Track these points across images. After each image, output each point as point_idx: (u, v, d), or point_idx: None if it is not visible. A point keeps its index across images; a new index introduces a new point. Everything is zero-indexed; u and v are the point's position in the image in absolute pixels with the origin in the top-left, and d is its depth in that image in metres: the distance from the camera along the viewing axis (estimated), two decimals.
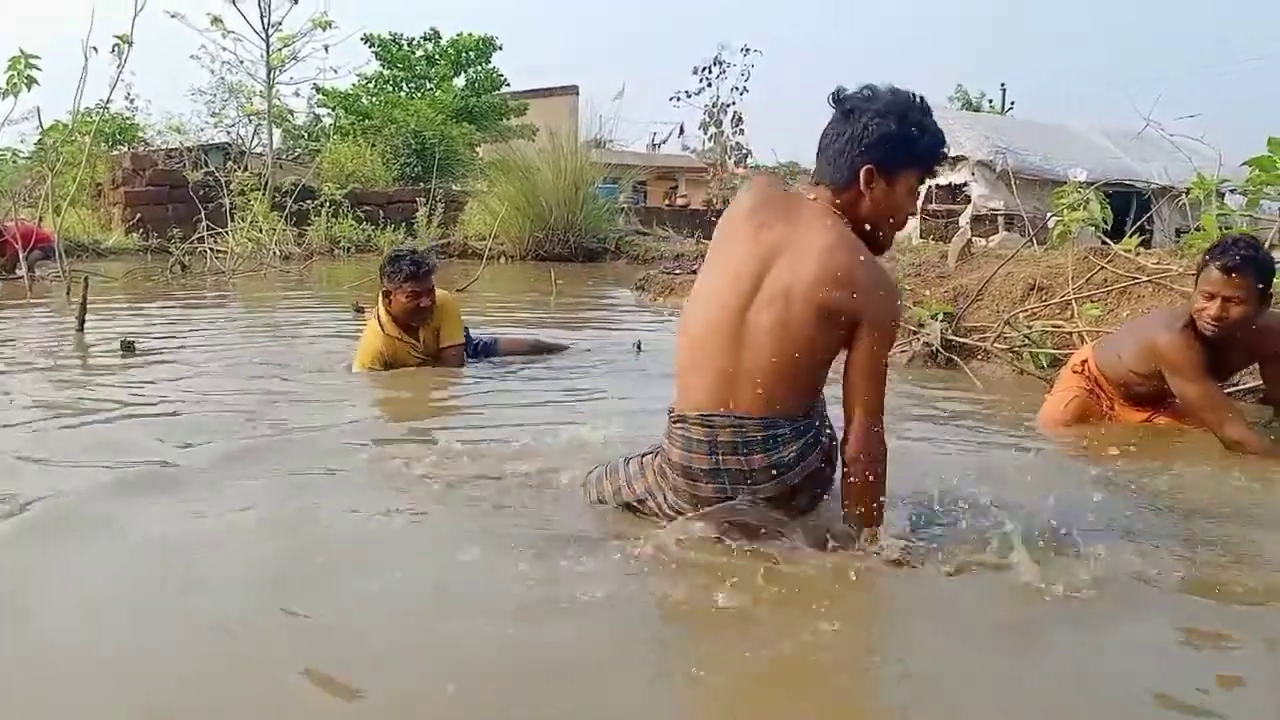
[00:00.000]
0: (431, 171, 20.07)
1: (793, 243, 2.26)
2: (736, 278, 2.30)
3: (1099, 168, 15.82)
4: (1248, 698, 1.71)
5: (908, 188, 2.30)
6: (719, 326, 2.30)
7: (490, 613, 1.95)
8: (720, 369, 2.29)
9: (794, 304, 2.22)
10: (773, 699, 1.67)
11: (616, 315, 9.03)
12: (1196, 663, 1.85)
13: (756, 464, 2.26)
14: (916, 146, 2.26)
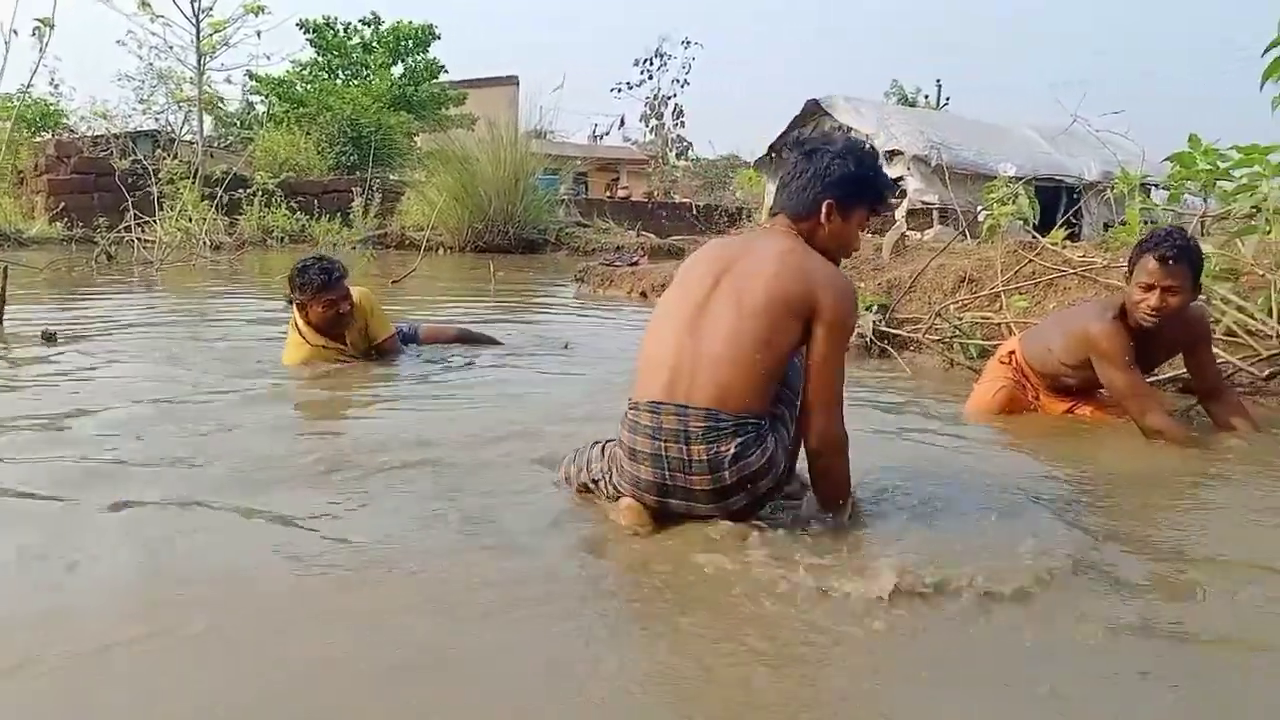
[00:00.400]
0: (368, 161, 19.79)
1: (752, 251, 2.47)
2: (699, 279, 2.48)
3: (1030, 163, 16.14)
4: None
5: (858, 222, 2.52)
6: (677, 321, 2.44)
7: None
8: (674, 362, 2.39)
9: (748, 295, 2.36)
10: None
11: (554, 308, 9.00)
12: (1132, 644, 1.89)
13: (694, 454, 2.32)
14: (871, 186, 2.51)
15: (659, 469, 2.37)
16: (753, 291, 2.35)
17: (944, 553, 2.20)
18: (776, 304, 2.33)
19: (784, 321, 2.33)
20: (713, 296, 2.41)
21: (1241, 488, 2.97)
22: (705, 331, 2.38)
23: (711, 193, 31.63)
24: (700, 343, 2.37)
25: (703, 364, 2.35)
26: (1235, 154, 4.94)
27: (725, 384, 2.32)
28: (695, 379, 2.35)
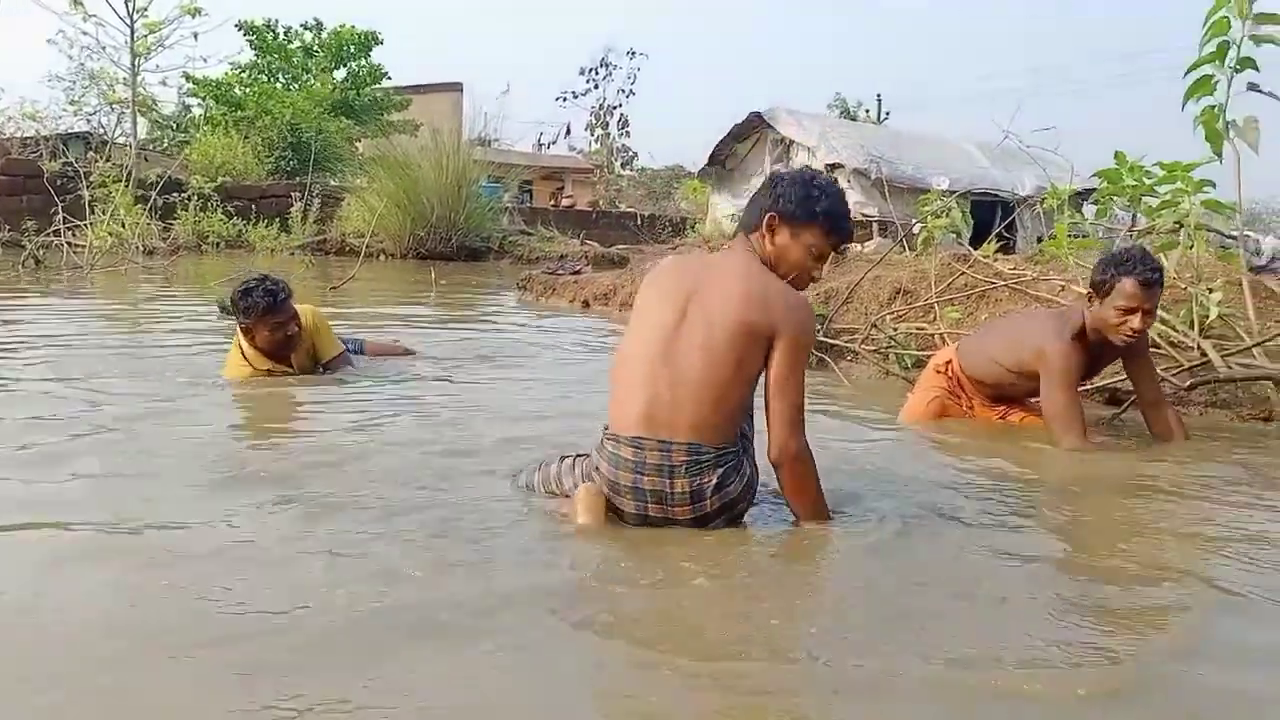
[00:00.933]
0: (308, 166, 19.51)
1: (715, 275, 2.50)
2: (668, 304, 2.51)
3: (967, 178, 16.51)
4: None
5: (807, 244, 2.52)
6: (651, 349, 2.47)
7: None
8: (652, 393, 2.43)
9: (718, 327, 2.40)
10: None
11: (496, 316, 8.95)
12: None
13: (677, 488, 2.39)
14: (815, 205, 2.51)
15: (639, 501, 2.43)
16: (723, 322, 2.39)
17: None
18: (743, 333, 2.38)
19: (750, 349, 2.39)
20: (684, 324, 2.45)
21: (1150, 499, 3.05)
22: (680, 361, 2.41)
23: (656, 203, 31.78)
24: (676, 372, 2.41)
25: (681, 395, 2.40)
26: (1159, 171, 5.09)
27: (705, 416, 2.38)
28: (675, 411, 2.39)
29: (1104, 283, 3.52)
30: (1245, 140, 4.53)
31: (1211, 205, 4.84)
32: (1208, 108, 4.55)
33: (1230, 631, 1.99)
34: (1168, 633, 1.98)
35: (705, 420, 2.38)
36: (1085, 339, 3.58)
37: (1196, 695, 1.70)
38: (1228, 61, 4.44)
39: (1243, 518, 2.74)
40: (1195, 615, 2.05)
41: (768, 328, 2.38)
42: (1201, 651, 1.89)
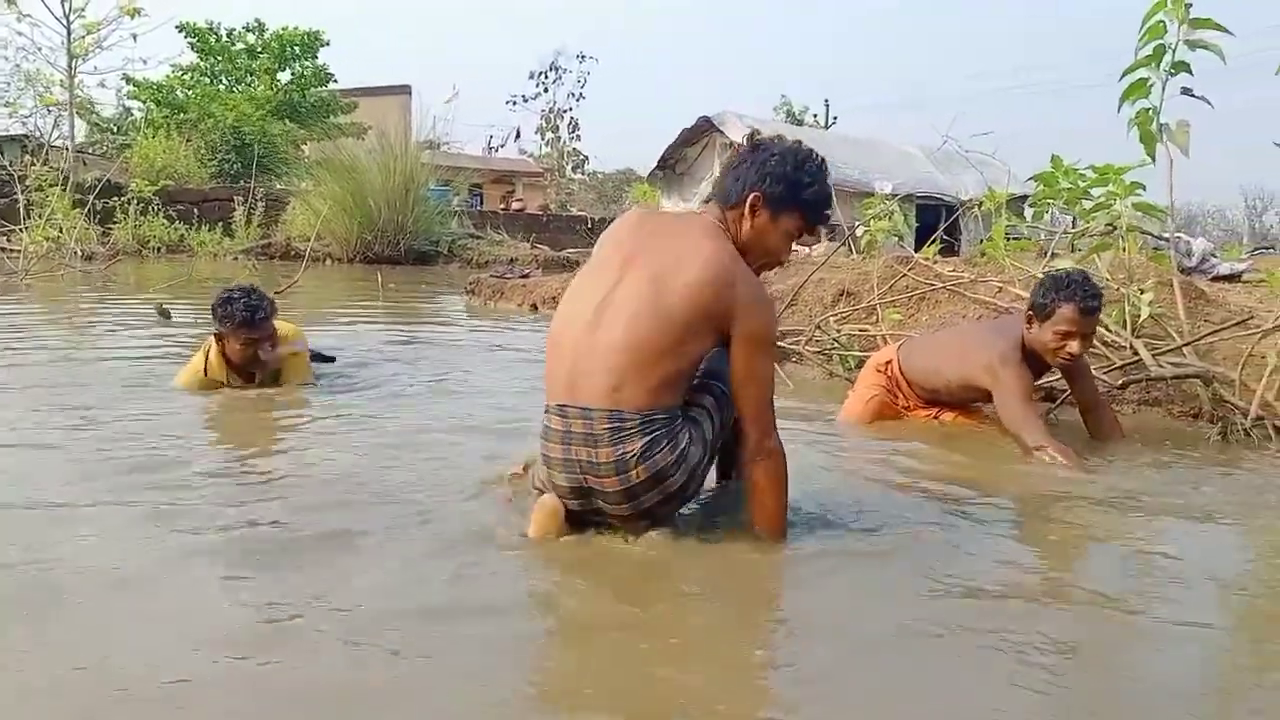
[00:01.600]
0: (251, 169, 19.21)
1: (673, 242, 2.36)
2: (604, 268, 2.38)
3: (911, 181, 16.74)
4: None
5: (785, 230, 2.43)
6: (582, 313, 2.35)
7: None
8: (573, 357, 2.32)
9: (663, 295, 2.27)
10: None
11: (444, 320, 8.88)
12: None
13: (602, 457, 2.27)
14: (802, 192, 2.41)
15: (571, 473, 2.32)
16: (670, 292, 2.26)
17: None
18: (692, 309, 2.26)
19: (697, 328, 2.27)
20: (619, 287, 2.32)
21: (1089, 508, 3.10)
22: (608, 324, 2.29)
23: (607, 206, 31.79)
24: (602, 337, 2.28)
25: (600, 359, 2.27)
26: (1092, 174, 5.19)
27: (628, 380, 2.24)
28: (594, 376, 2.27)
29: (1045, 306, 3.56)
30: (1177, 143, 4.63)
31: (1143, 207, 4.95)
32: (1142, 110, 4.64)
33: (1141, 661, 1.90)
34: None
35: (627, 385, 2.24)
36: (1024, 353, 3.65)
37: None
38: (1163, 65, 4.53)
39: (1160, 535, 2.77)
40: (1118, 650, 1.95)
41: (722, 315, 2.26)
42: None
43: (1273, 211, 28.85)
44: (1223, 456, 3.70)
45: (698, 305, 2.26)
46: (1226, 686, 1.83)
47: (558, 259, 15.68)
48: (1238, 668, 1.91)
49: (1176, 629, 2.00)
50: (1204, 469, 3.48)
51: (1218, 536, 2.73)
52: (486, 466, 2.95)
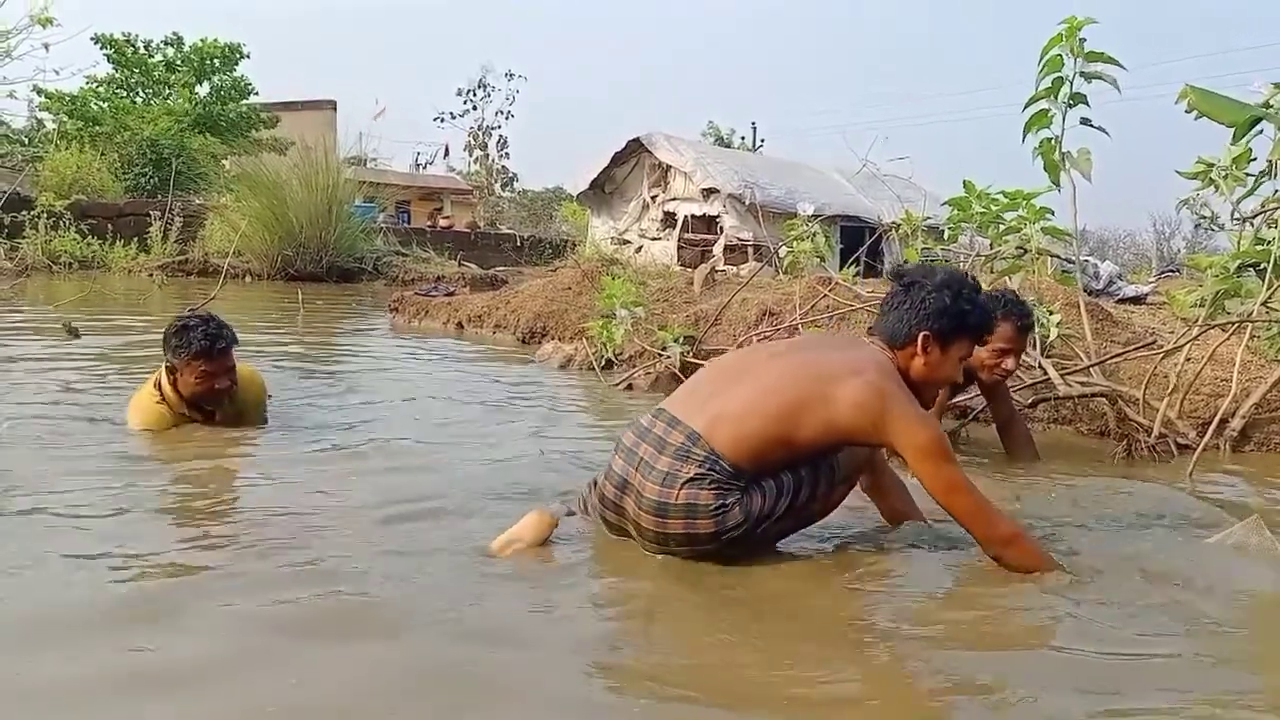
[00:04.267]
0: (169, 184, 18.72)
1: (845, 353, 2.51)
2: (781, 345, 2.62)
3: (836, 203, 17.05)
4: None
5: (958, 355, 2.55)
6: (735, 362, 2.63)
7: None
8: (699, 387, 2.56)
9: (825, 401, 2.37)
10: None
11: (365, 341, 8.75)
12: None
13: (658, 465, 2.40)
14: (969, 320, 2.53)
15: (629, 462, 2.46)
16: (825, 388, 2.38)
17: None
18: (832, 417, 2.36)
19: (826, 431, 2.37)
20: (781, 359, 2.51)
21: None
22: (751, 378, 2.47)
23: (537, 224, 31.72)
24: (735, 386, 2.47)
25: (724, 396, 2.44)
26: (1004, 198, 5.34)
27: (730, 428, 2.38)
28: (708, 405, 2.43)
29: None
30: (1080, 170, 4.79)
31: (1051, 231, 5.12)
32: (1045, 140, 4.80)
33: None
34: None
35: (727, 431, 2.37)
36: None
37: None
38: (1061, 96, 4.70)
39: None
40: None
41: (866, 435, 2.39)
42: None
43: (1180, 236, 30.01)
44: (1129, 471, 3.82)
45: (842, 414, 2.36)
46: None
47: (485, 277, 15.56)
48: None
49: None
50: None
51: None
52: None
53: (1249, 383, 4.39)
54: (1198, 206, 5.07)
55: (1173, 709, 1.76)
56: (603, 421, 4.89)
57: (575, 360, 6.67)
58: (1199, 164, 4.82)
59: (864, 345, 2.57)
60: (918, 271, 2.60)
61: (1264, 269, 4.27)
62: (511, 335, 8.31)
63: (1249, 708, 1.77)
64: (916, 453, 2.35)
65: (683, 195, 18.27)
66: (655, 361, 5.97)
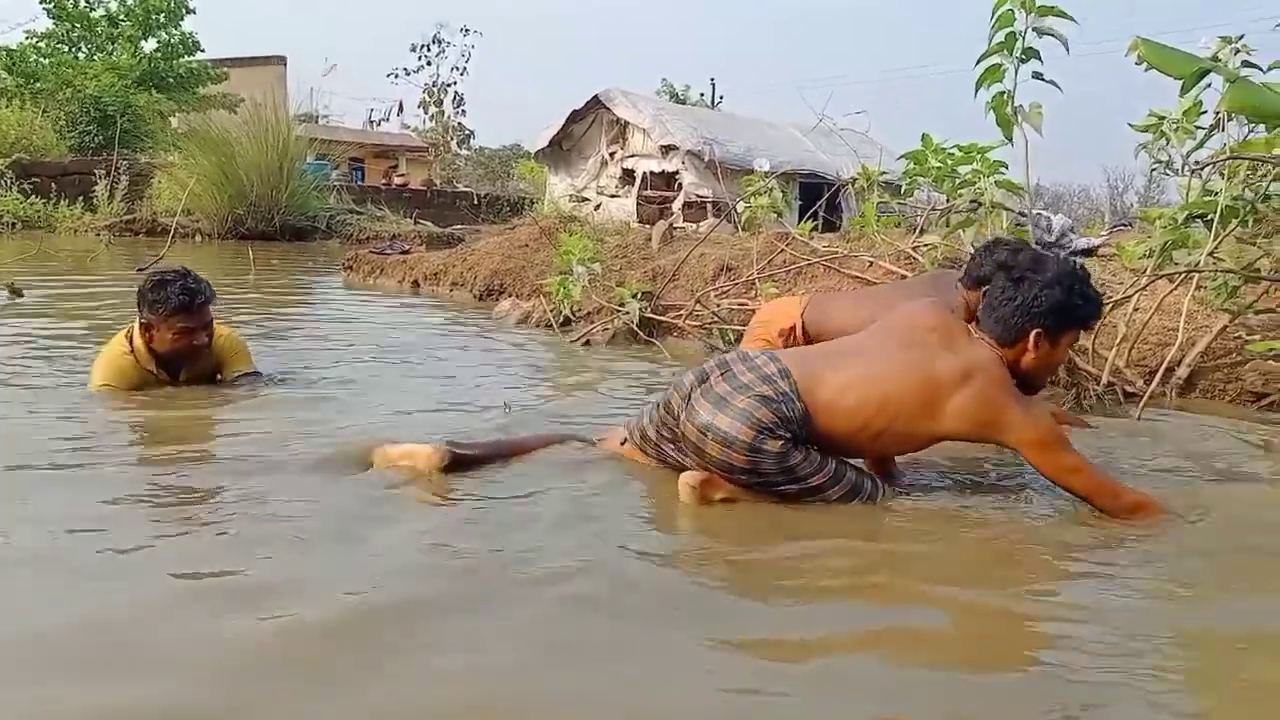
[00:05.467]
0: (114, 142, 18.25)
1: (958, 356, 2.49)
2: (911, 323, 2.59)
3: (794, 159, 17.03)
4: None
5: (1066, 345, 2.59)
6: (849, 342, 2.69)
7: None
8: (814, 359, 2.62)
9: (929, 391, 2.45)
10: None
11: (320, 298, 8.63)
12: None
13: (728, 390, 2.52)
14: (1080, 313, 2.55)
15: (699, 376, 2.60)
16: (930, 391, 2.44)
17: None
18: (951, 419, 2.44)
19: (936, 425, 2.46)
20: (901, 352, 2.52)
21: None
22: (866, 360, 2.53)
23: (495, 182, 31.38)
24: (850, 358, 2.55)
25: (839, 362, 2.54)
26: (959, 153, 5.35)
27: (833, 413, 2.46)
28: (824, 381, 2.50)
29: (985, 277, 3.57)
30: (1031, 124, 4.80)
31: (1005, 185, 5.14)
32: (998, 94, 4.80)
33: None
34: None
35: (841, 424, 2.46)
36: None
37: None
38: (1014, 51, 4.69)
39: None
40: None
41: (968, 437, 2.50)
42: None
43: (1132, 191, 30.38)
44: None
45: (955, 420, 2.45)
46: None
47: (442, 235, 15.40)
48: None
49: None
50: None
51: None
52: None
53: (1195, 332, 4.47)
54: (1155, 150, 5.11)
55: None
56: (562, 377, 4.88)
57: (533, 317, 6.63)
58: (1151, 116, 4.85)
59: (974, 343, 2.55)
60: (1027, 264, 2.61)
61: (1211, 220, 4.32)
62: (468, 293, 8.24)
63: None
64: (1031, 449, 2.45)
65: (641, 152, 18.15)
66: (613, 318, 5.95)
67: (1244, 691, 1.68)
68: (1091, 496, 2.45)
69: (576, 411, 3.79)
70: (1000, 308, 2.54)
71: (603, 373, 4.83)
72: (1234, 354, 4.40)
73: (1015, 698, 1.65)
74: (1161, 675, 1.71)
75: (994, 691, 1.67)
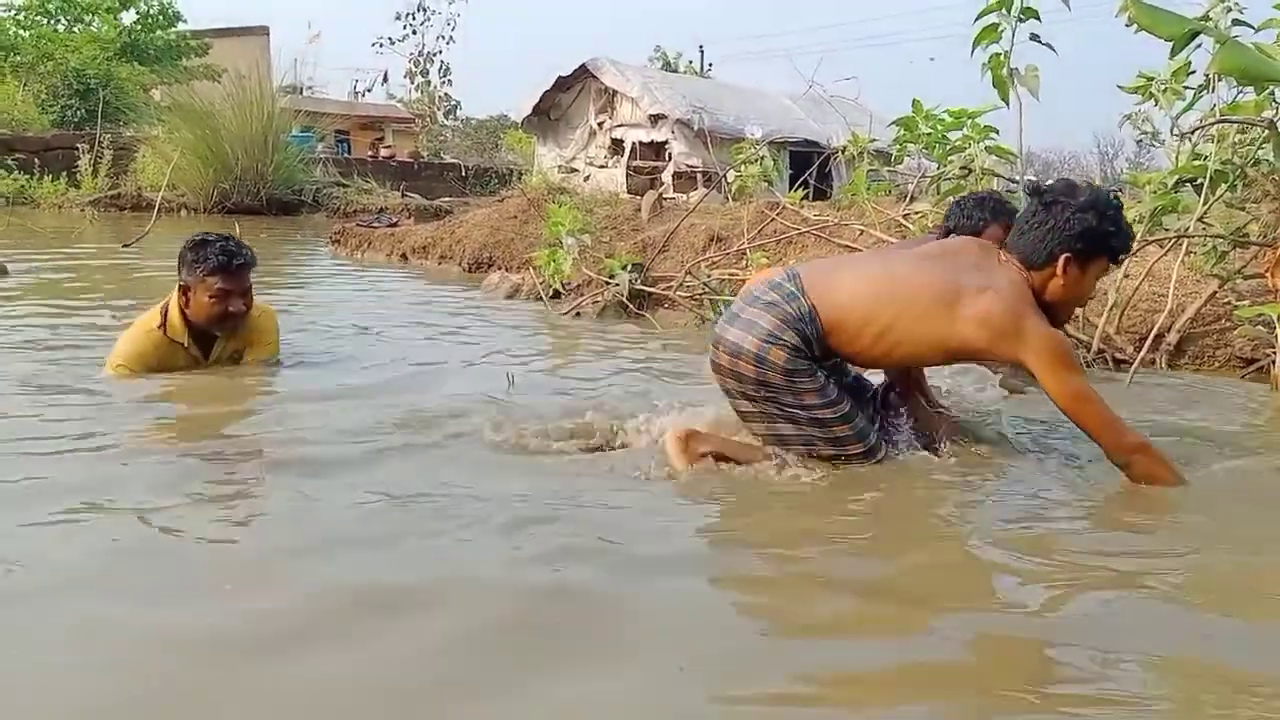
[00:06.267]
0: (97, 115, 18.03)
1: (980, 273, 2.47)
2: (928, 249, 2.63)
3: (785, 127, 16.92)
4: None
5: (1095, 273, 2.53)
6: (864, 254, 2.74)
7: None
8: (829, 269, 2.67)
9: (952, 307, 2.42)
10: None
11: (308, 275, 8.58)
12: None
13: (757, 315, 2.54)
14: (1112, 241, 2.49)
15: (742, 301, 2.61)
16: (957, 308, 2.41)
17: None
18: (964, 334, 2.41)
19: (950, 344, 2.45)
20: (918, 260, 2.55)
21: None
22: (894, 277, 2.52)
23: (483, 153, 31.13)
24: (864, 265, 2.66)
25: (850, 273, 2.57)
26: (949, 118, 5.33)
27: (842, 308, 2.47)
28: (833, 279, 2.53)
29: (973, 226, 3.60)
30: (1027, 87, 4.77)
31: (995, 150, 5.12)
32: (994, 55, 4.76)
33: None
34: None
35: (845, 316, 2.46)
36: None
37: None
38: (1013, 11, 4.65)
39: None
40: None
41: (983, 351, 2.47)
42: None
43: (1123, 157, 30.29)
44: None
45: (975, 333, 2.41)
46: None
47: (430, 208, 15.29)
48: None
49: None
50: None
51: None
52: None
53: (1185, 298, 4.48)
54: (1139, 121, 5.09)
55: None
56: (557, 349, 4.87)
57: (523, 290, 6.60)
58: (1140, 78, 4.83)
59: (999, 265, 2.52)
60: (1060, 189, 2.52)
61: (1201, 184, 4.31)
62: (457, 266, 8.20)
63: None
64: (1044, 365, 2.37)
65: (630, 121, 18.01)
66: (603, 290, 5.93)
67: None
68: (1097, 429, 2.41)
69: (576, 384, 3.80)
70: (1031, 230, 2.50)
71: (595, 344, 4.83)
72: (1223, 319, 4.41)
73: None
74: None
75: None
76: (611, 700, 1.49)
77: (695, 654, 1.62)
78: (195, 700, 1.46)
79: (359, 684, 1.51)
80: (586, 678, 1.54)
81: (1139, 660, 1.63)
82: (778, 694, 1.52)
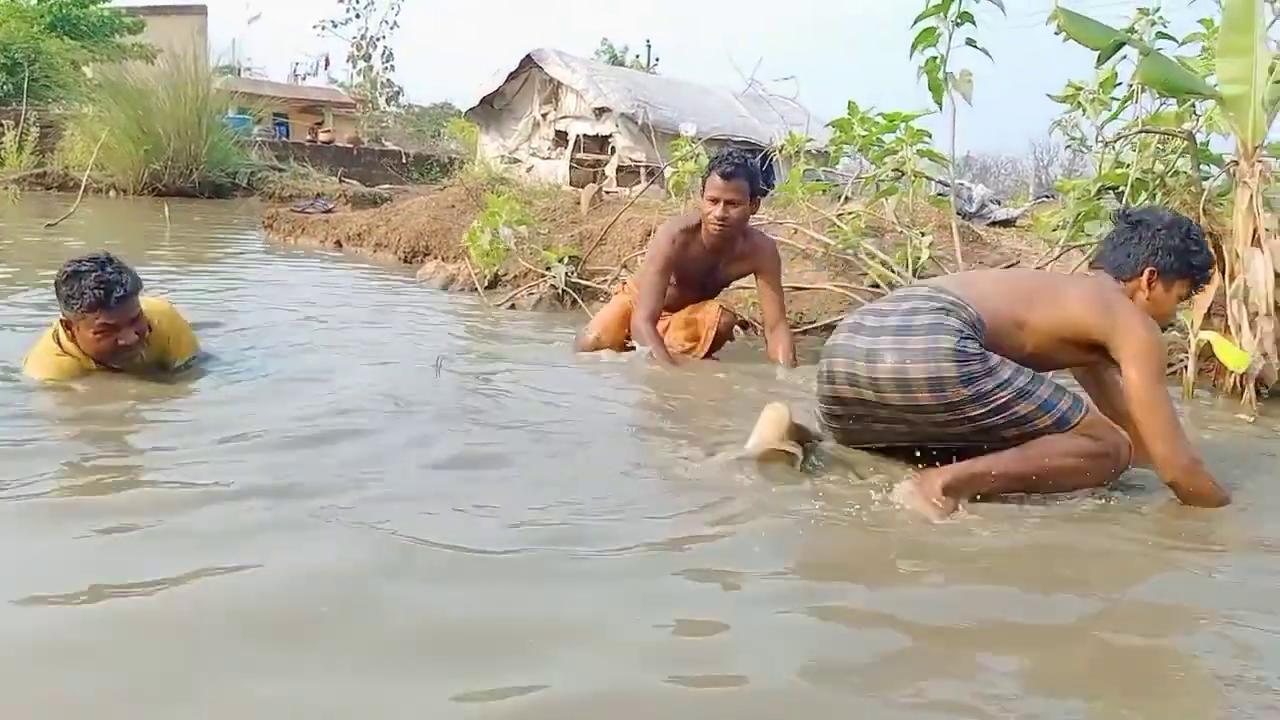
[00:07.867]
0: (22, 91, 17.43)
1: (1074, 278, 2.73)
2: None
3: (726, 125, 17.00)
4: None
5: (1177, 294, 2.67)
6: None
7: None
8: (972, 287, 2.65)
9: (1059, 304, 2.56)
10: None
11: (237, 260, 8.40)
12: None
13: (911, 320, 2.53)
14: (1194, 260, 2.64)
15: (852, 328, 2.62)
16: (1066, 304, 2.54)
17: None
18: (1081, 318, 2.51)
19: (1077, 335, 2.53)
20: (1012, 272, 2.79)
21: None
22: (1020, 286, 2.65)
23: (425, 141, 30.78)
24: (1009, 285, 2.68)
25: (995, 290, 2.62)
26: (883, 120, 5.39)
27: (992, 310, 2.51)
28: (978, 286, 2.61)
29: (702, 182, 4.08)
30: (960, 92, 4.84)
31: (927, 154, 5.19)
32: (930, 58, 4.82)
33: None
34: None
35: (989, 303, 2.51)
36: (700, 234, 4.07)
37: None
38: (950, 15, 4.71)
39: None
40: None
41: (1101, 336, 2.50)
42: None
43: (1057, 163, 30.98)
44: None
45: (1085, 318, 2.52)
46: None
47: (369, 195, 15.06)
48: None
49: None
50: None
51: None
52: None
53: None
54: (1069, 128, 5.20)
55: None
56: (489, 341, 4.83)
57: (458, 280, 6.53)
58: (1069, 87, 4.93)
59: (1091, 275, 2.72)
60: (1145, 212, 2.73)
61: (1123, 192, 4.42)
62: (393, 254, 8.09)
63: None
64: (1137, 359, 2.45)
65: (574, 114, 17.96)
66: (539, 282, 5.90)
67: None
68: (1159, 436, 2.43)
69: (502, 373, 3.78)
70: (1120, 246, 2.67)
71: (527, 335, 4.80)
72: None
73: None
74: None
75: None
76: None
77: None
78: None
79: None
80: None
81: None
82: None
